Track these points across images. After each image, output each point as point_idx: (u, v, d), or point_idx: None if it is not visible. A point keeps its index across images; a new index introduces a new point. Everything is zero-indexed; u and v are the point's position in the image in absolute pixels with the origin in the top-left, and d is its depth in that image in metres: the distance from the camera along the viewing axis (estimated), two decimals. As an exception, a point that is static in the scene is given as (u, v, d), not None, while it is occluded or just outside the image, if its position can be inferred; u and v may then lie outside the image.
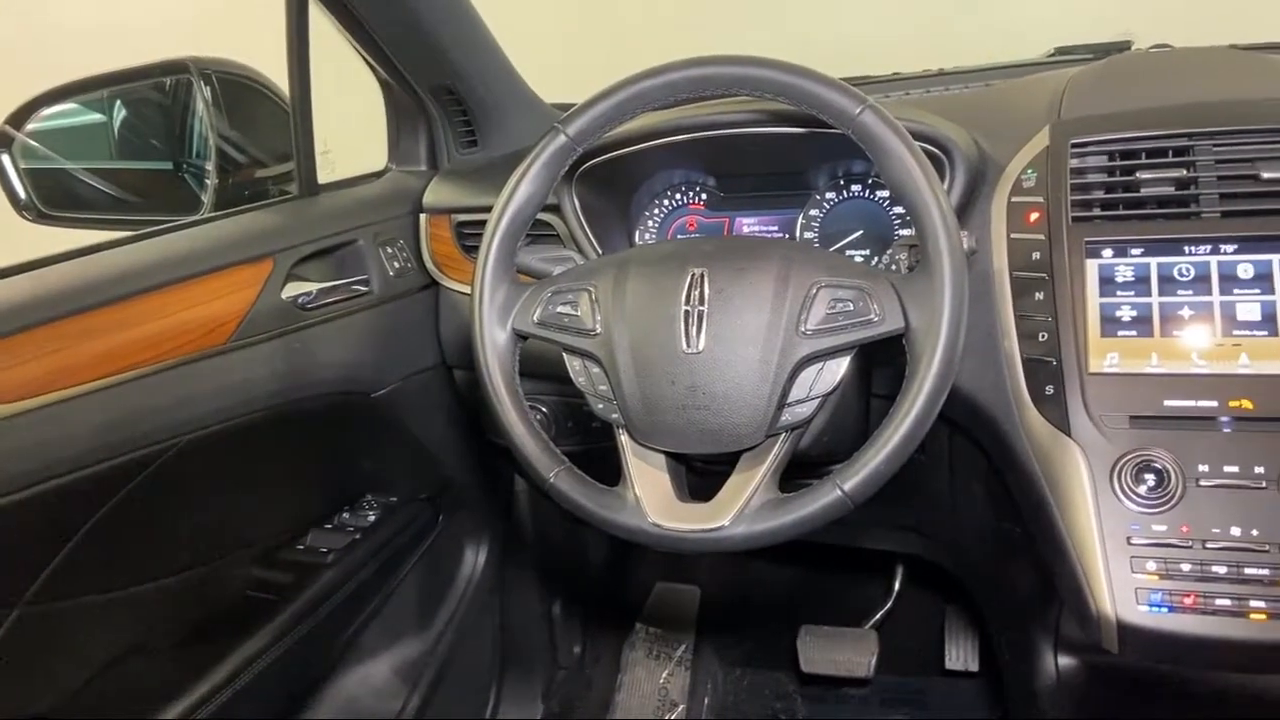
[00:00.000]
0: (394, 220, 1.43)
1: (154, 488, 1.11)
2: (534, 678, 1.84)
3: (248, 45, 1.40)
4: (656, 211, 1.34)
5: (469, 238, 1.40)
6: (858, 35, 1.92)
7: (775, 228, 1.29)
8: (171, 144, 1.47)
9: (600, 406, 0.96)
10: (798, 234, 1.26)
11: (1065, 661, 1.15)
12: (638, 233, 1.35)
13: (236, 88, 1.43)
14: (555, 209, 1.25)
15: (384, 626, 1.57)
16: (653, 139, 1.19)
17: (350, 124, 1.53)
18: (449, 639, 1.65)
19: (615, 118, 0.96)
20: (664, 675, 1.93)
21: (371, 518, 1.50)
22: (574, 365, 0.97)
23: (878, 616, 1.80)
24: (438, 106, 1.47)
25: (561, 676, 1.88)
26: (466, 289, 1.07)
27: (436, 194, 1.45)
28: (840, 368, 0.89)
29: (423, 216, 1.45)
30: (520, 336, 0.98)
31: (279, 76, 1.32)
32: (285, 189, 1.39)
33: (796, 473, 0.93)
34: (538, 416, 1.22)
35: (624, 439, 0.95)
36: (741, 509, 0.88)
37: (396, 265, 1.41)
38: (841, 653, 1.68)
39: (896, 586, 1.81)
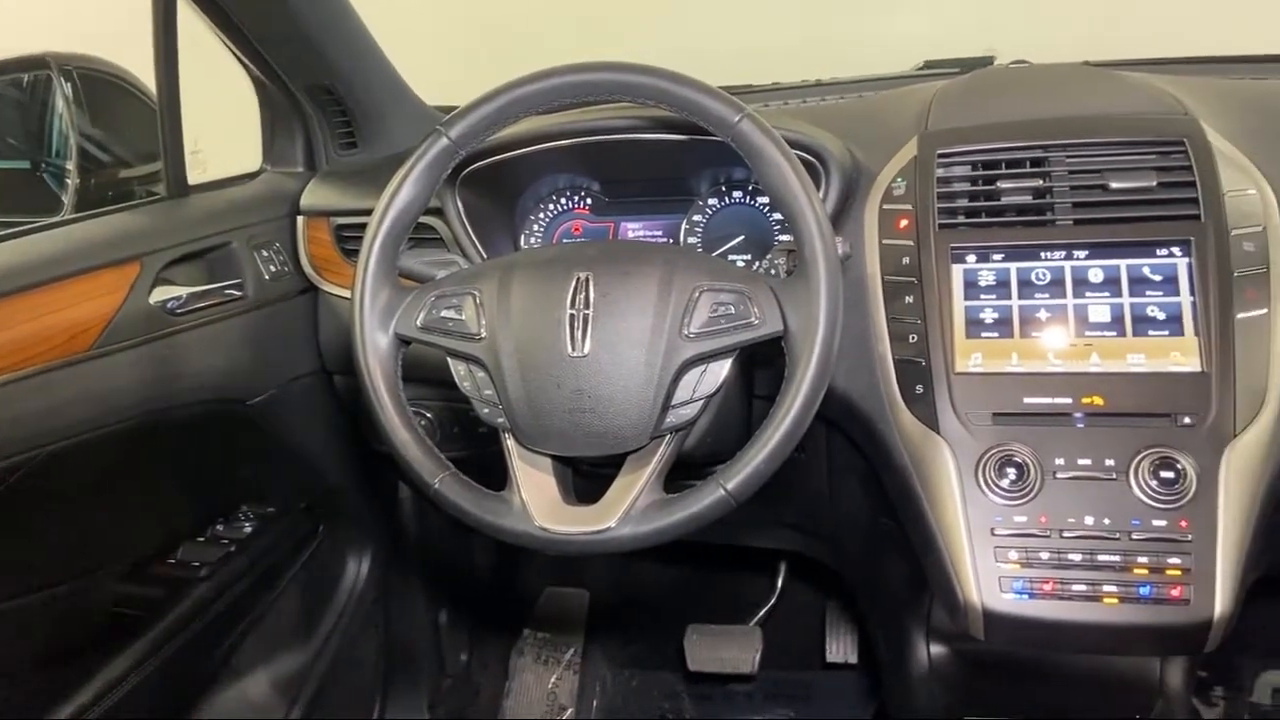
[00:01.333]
0: (269, 223, 1.39)
1: (15, 501, 1.05)
2: (420, 687, 1.81)
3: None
4: (542, 216, 1.34)
5: (349, 241, 1.38)
6: (739, 44, 1.96)
7: (660, 233, 1.31)
8: (29, 142, 1.40)
9: (486, 411, 0.95)
10: (681, 239, 1.28)
11: (936, 650, 1.20)
12: (523, 237, 1.34)
13: (100, 85, 1.37)
14: (438, 212, 1.24)
15: (262, 641, 1.53)
16: (537, 143, 1.19)
17: (224, 123, 1.48)
18: (331, 651, 1.61)
19: (498, 121, 0.96)
20: (552, 679, 1.92)
21: (248, 529, 1.46)
22: (459, 370, 0.97)
23: (762, 613, 1.84)
24: (315, 107, 1.44)
25: (448, 685, 1.86)
26: (346, 293, 1.05)
27: (314, 196, 1.42)
28: (723, 370, 0.91)
29: (300, 219, 1.41)
30: (403, 341, 0.97)
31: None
32: (153, 190, 1.34)
33: (681, 474, 0.95)
34: (422, 422, 1.20)
35: (510, 443, 0.95)
36: (628, 510, 0.89)
37: (272, 269, 1.37)
38: (727, 650, 1.71)
39: (779, 583, 1.85)
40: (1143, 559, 0.88)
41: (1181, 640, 0.89)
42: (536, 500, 0.91)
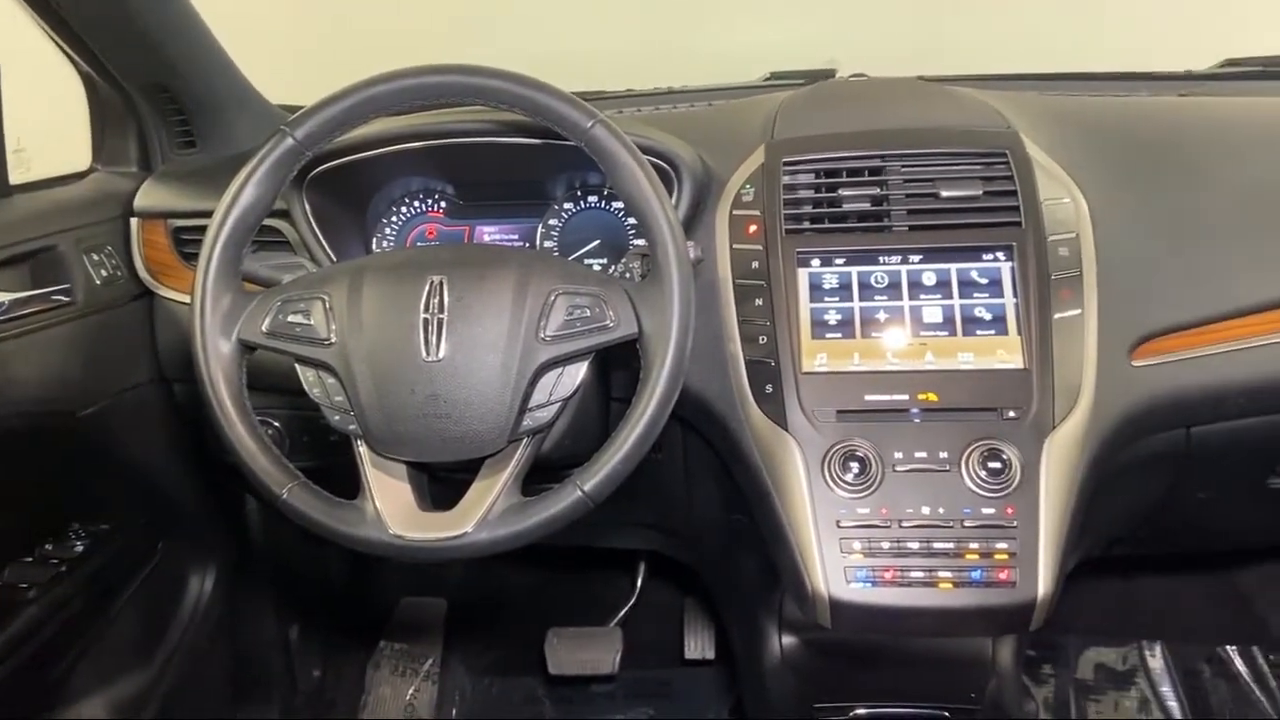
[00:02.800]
0: (100, 225, 1.31)
1: None
2: (271, 705, 1.74)
3: None
4: (395, 219, 1.32)
5: (187, 244, 1.32)
6: (594, 51, 1.98)
7: (516, 236, 1.31)
8: None
9: (337, 418, 0.93)
10: (538, 243, 1.29)
11: (788, 641, 1.24)
12: (375, 240, 1.32)
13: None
14: (285, 214, 1.20)
15: (98, 665, 1.44)
16: (388, 145, 1.17)
17: (53, 119, 1.39)
18: (174, 673, 1.54)
19: (346, 122, 0.94)
20: (410, 691, 1.89)
21: (80, 548, 1.38)
22: (307, 376, 0.94)
23: (622, 614, 1.85)
24: (149, 104, 1.36)
25: (301, 701, 1.80)
26: (185, 298, 1.01)
27: (150, 197, 1.35)
28: (579, 372, 0.92)
29: (134, 221, 1.34)
30: (247, 347, 0.94)
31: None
32: (-32, 189, 1.25)
33: (539, 477, 0.95)
34: (268, 432, 1.16)
35: (362, 450, 0.93)
36: (485, 515, 0.88)
37: (104, 273, 1.29)
38: (588, 652, 1.72)
39: (639, 583, 1.87)
40: (974, 545, 0.94)
41: (1009, 620, 0.95)
42: (390, 508, 0.90)
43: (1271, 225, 1.10)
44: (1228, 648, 1.81)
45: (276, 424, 1.30)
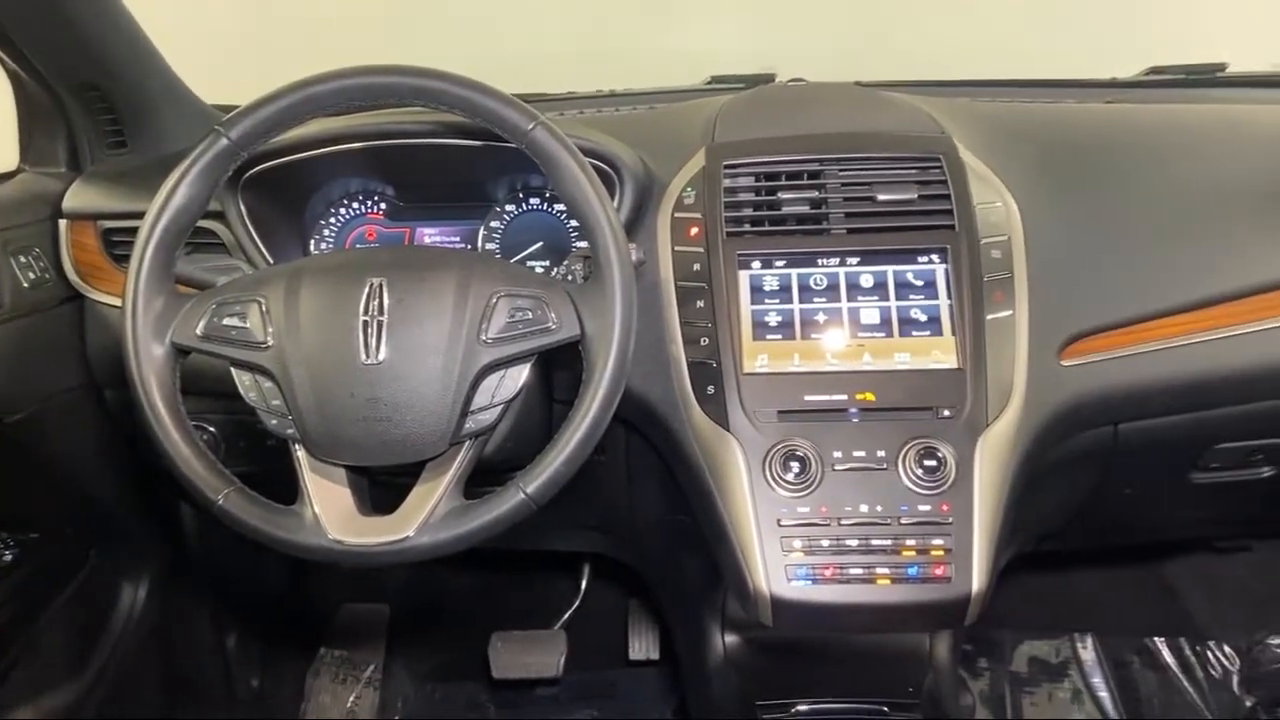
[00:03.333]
0: (27, 226, 1.27)
1: None
2: (209, 715, 1.71)
3: None
4: (333, 221, 1.31)
5: (119, 246, 1.28)
6: (535, 53, 1.98)
7: (457, 238, 1.30)
8: None
9: (274, 423, 0.92)
10: (479, 245, 1.28)
11: (731, 640, 1.25)
12: (313, 242, 1.30)
13: None
14: (219, 216, 1.18)
15: (27, 678, 1.40)
16: (325, 145, 1.16)
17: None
18: (106, 685, 1.50)
19: (282, 122, 0.93)
20: (351, 698, 1.87)
21: (8, 557, 1.34)
22: (243, 380, 0.93)
23: (566, 616, 1.85)
24: (78, 103, 1.33)
25: (239, 711, 1.77)
26: (117, 301, 0.98)
27: (79, 198, 1.32)
28: (521, 375, 0.92)
29: (62, 223, 1.31)
30: (181, 351, 0.92)
31: None
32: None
33: (482, 480, 0.95)
34: (204, 437, 1.14)
35: (301, 455, 0.92)
36: (427, 518, 0.88)
37: (31, 276, 1.26)
38: (532, 655, 1.72)
39: (583, 585, 1.87)
40: (911, 541, 0.96)
41: (945, 615, 0.97)
42: (330, 512, 0.89)
43: (1193, 229, 1.14)
44: (1156, 639, 1.86)
45: (212, 429, 1.28)
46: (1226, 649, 1.83)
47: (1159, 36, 1.79)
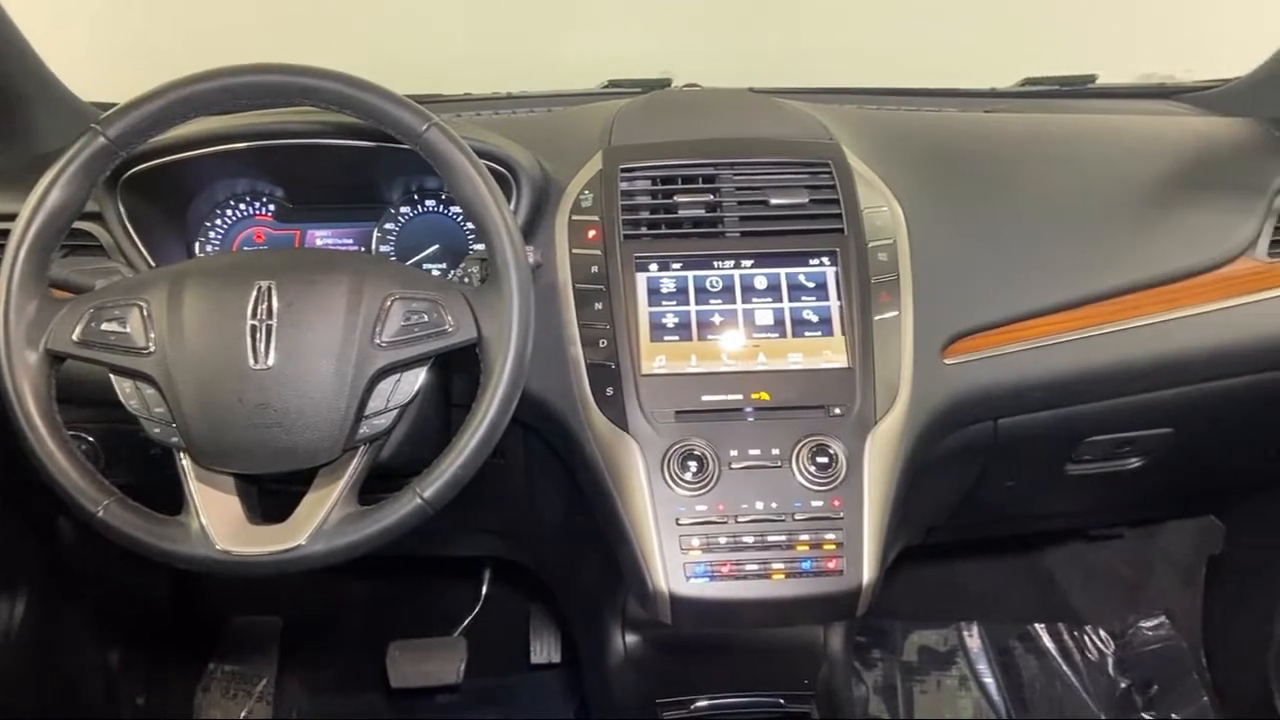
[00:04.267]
0: None
1: None
2: (91, 736, 1.64)
3: None
4: (219, 222, 1.27)
5: (-11, 248, 1.22)
6: (429, 54, 1.95)
7: (350, 241, 1.28)
8: None
9: (157, 431, 0.89)
10: (373, 247, 1.26)
11: (631, 640, 1.26)
12: (198, 244, 1.26)
13: None
14: (97, 217, 1.13)
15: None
16: (209, 145, 1.12)
17: None
18: (-20, 707, 1.42)
19: (163, 121, 0.91)
20: (243, 713, 1.81)
21: None
22: (124, 388, 0.90)
23: (466, 622, 1.84)
24: (-59, 98, 1.26)
25: (125, 731, 1.69)
26: (-15, 306, 0.93)
27: None
28: (417, 378, 0.91)
29: (-75, 224, 1.23)
30: (56, 358, 0.88)
31: None
32: None
33: (378, 486, 0.94)
34: (82, 447, 1.10)
35: (186, 463, 0.90)
36: (320, 526, 0.87)
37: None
38: (431, 663, 1.70)
39: (484, 591, 1.86)
40: (804, 536, 0.98)
41: (837, 607, 1.00)
42: (218, 522, 0.87)
43: (1065, 233, 1.20)
44: (1036, 625, 1.95)
45: (90, 439, 1.22)
46: (1102, 633, 1.93)
47: (1032, 49, 1.88)
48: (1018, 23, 1.97)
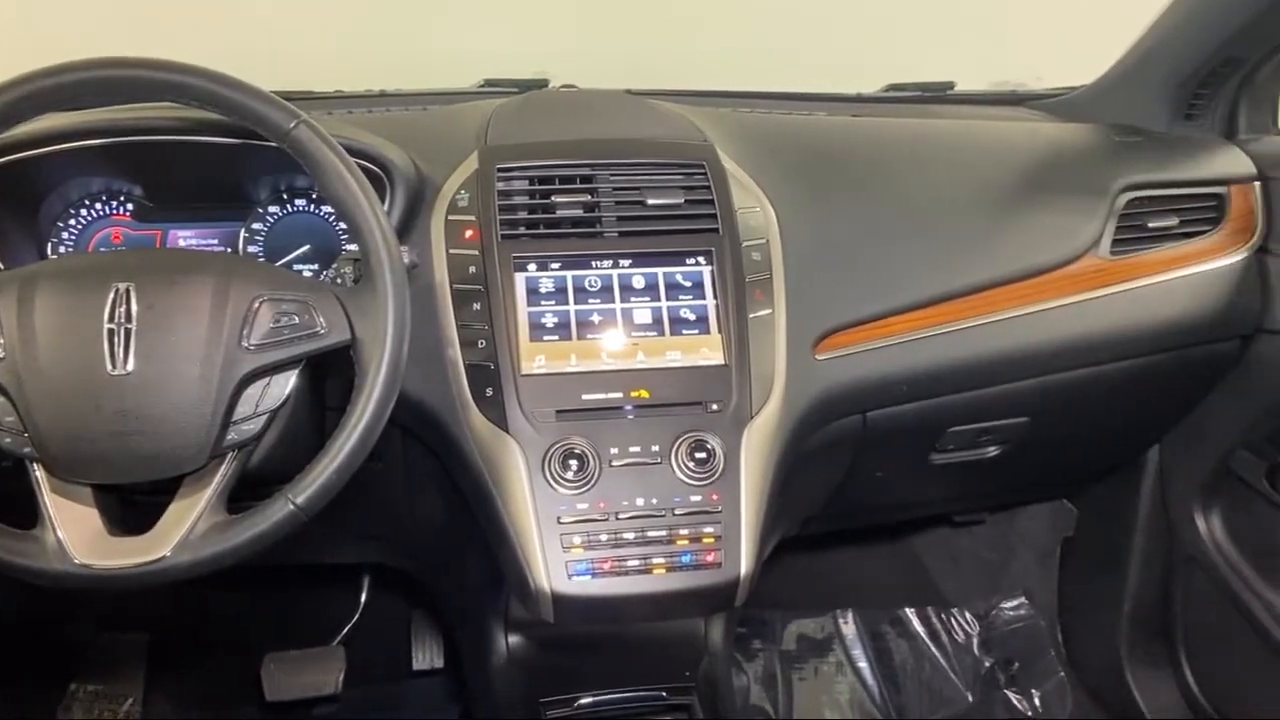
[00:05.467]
0: None
1: None
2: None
3: None
4: (73, 223, 1.20)
5: None
6: (299, 50, 1.90)
7: (215, 241, 1.23)
8: None
9: (7, 441, 0.85)
10: (240, 248, 1.22)
11: (515, 640, 1.26)
12: (50, 246, 1.20)
13: None
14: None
15: None
16: (60, 142, 1.07)
17: None
18: None
19: (10, 118, 0.86)
20: (108, 735, 1.73)
21: None
22: None
23: (345, 631, 1.80)
24: None
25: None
26: None
27: None
28: (288, 382, 0.89)
29: None
30: (-107, 366, 0.83)
31: None
32: None
33: (249, 493, 0.91)
34: (-77, 460, 1.03)
35: (40, 475, 0.85)
36: (185, 536, 0.84)
37: None
38: (308, 674, 1.66)
39: (363, 598, 1.82)
40: (684, 531, 1.00)
41: (717, 599, 1.02)
42: (75, 535, 0.83)
43: (927, 232, 1.25)
44: (907, 609, 2.03)
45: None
46: (967, 614, 2.02)
47: (897, 57, 1.95)
48: (882, 32, 2.05)
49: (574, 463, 1.00)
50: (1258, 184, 1.40)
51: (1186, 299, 1.35)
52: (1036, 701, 1.89)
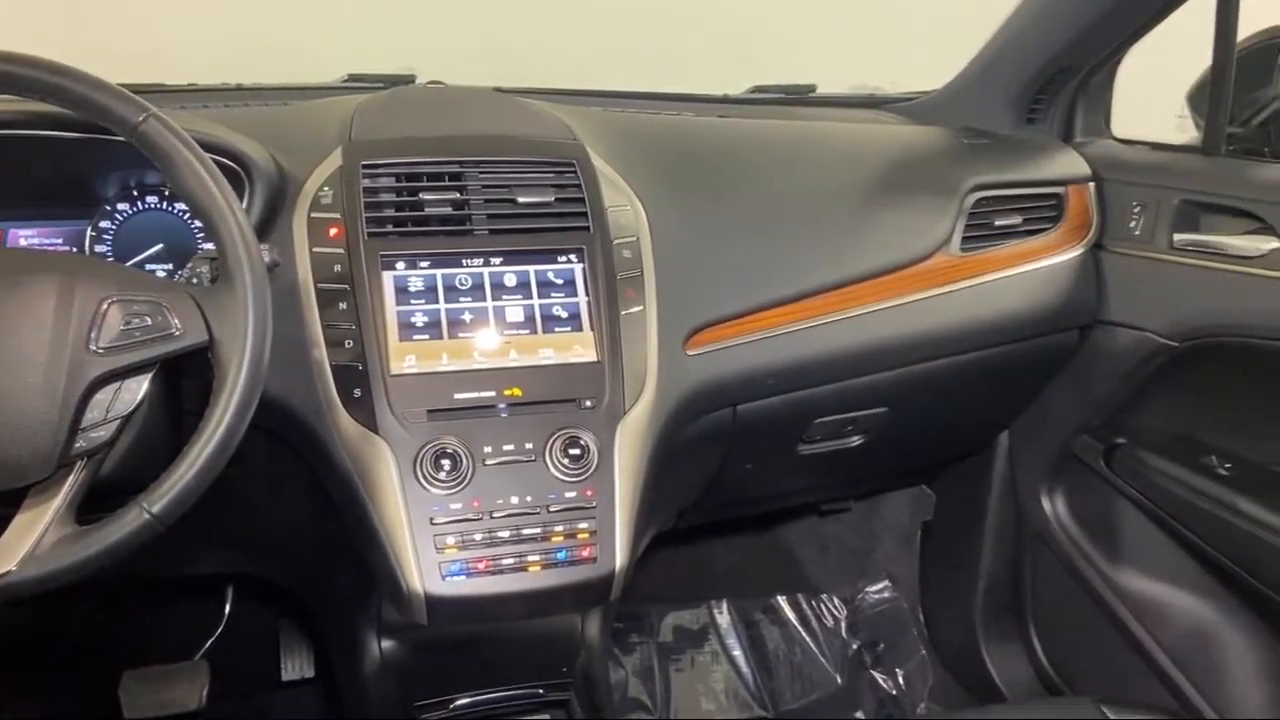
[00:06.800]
0: None
1: None
2: None
3: None
4: (-104, 221, 1.12)
5: None
6: (155, 45, 1.82)
7: (60, 241, 1.17)
8: None
9: None
10: (87, 248, 1.16)
11: (388, 644, 1.24)
12: None
13: None
14: None
15: None
16: None
17: None
18: None
19: None
20: (-54, 767, 1.61)
21: None
22: None
23: (209, 644, 1.73)
24: None
25: None
26: None
27: None
28: (141, 386, 0.85)
29: None
30: None
31: None
32: None
33: (103, 503, 0.86)
34: None
35: None
36: (32, 549, 0.79)
37: None
38: (170, 691, 1.58)
39: (228, 609, 1.76)
40: (559, 527, 1.00)
41: (592, 593, 1.03)
42: (-95, 554, 0.77)
43: (792, 230, 1.29)
44: (779, 597, 2.09)
45: None
46: (835, 600, 2.10)
47: (761, 60, 2.01)
48: (748, 34, 2.10)
49: (446, 462, 0.99)
50: (1092, 184, 1.50)
51: (1030, 293, 1.43)
52: (900, 680, 1.97)
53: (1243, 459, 1.40)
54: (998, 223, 1.42)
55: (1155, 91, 1.63)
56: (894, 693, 1.96)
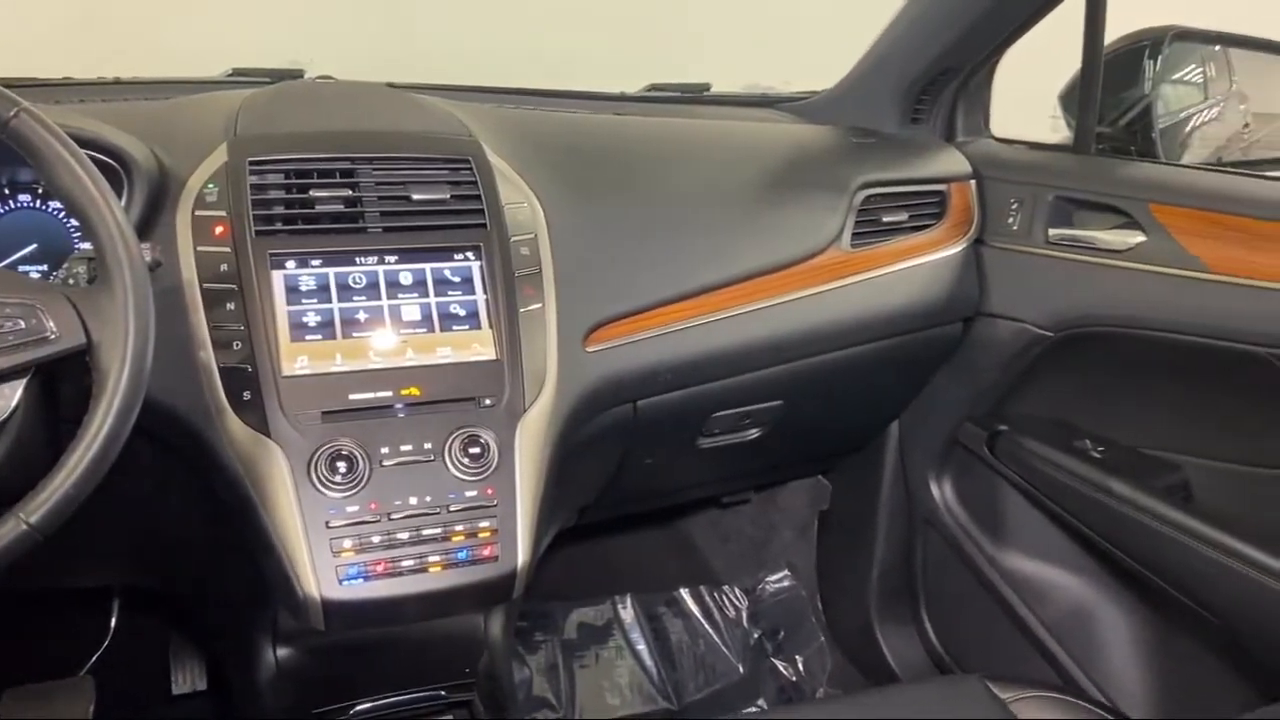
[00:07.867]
0: None
1: None
2: None
3: None
4: None
5: None
6: (25, 34, 1.73)
7: (-77, 242, 1.11)
8: None
9: None
10: (-46, 248, 1.10)
11: (284, 652, 1.21)
12: None
13: None
14: None
15: None
16: None
17: None
18: None
19: None
20: None
21: None
22: None
23: (94, 660, 1.66)
24: None
25: None
26: None
27: None
28: (14, 393, 0.82)
29: None
30: None
31: None
32: None
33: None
34: None
35: None
36: (-104, 567, 0.75)
37: None
38: (52, 708, 1.51)
39: (113, 623, 1.69)
40: (460, 527, 1.00)
41: (494, 592, 1.03)
42: None
43: (688, 227, 1.31)
44: (682, 590, 2.11)
45: None
46: (736, 591, 2.13)
47: (658, 58, 2.03)
48: (645, 33, 2.12)
49: (342, 464, 0.98)
50: (973, 182, 1.56)
51: (916, 287, 1.49)
52: (800, 667, 2.02)
53: (1114, 442, 1.47)
54: (885, 219, 1.47)
55: (1033, 91, 1.70)
56: (794, 679, 2.00)
